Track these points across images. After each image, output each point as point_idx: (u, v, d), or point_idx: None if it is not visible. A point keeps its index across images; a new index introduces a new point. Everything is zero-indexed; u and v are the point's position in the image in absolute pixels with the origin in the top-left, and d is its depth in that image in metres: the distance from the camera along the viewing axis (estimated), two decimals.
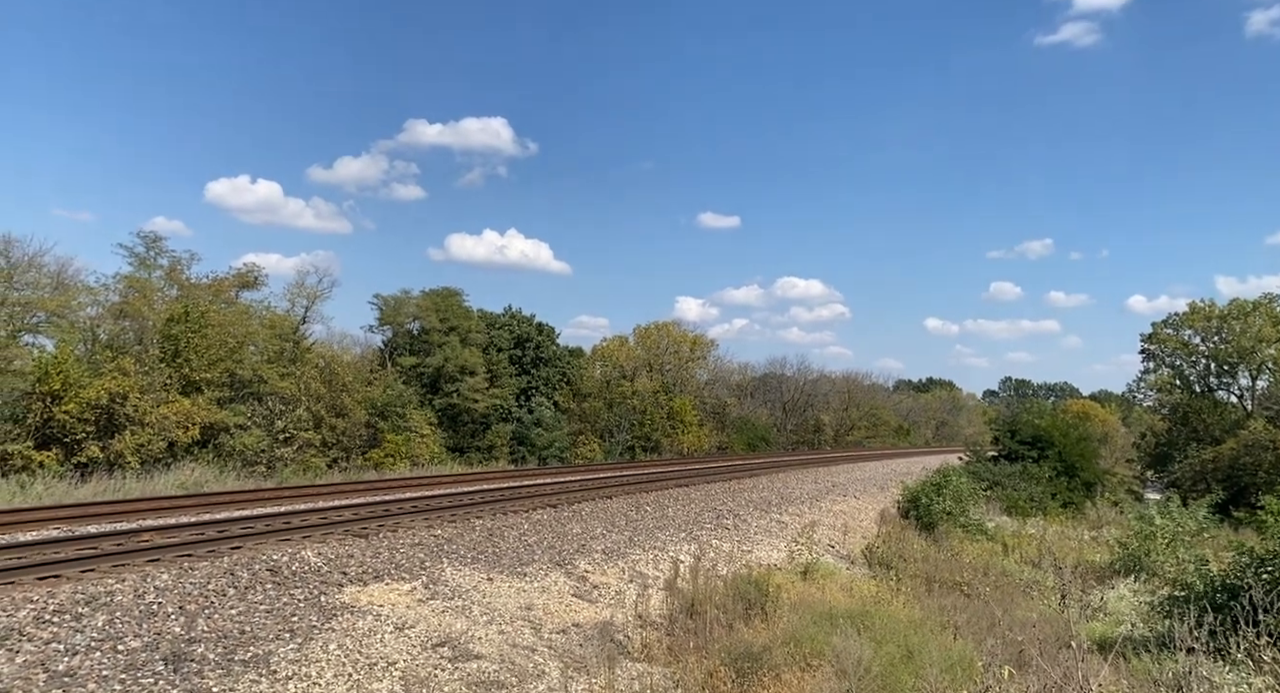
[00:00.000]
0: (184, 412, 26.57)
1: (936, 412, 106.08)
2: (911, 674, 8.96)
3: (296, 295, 38.56)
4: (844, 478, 35.75)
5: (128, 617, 8.48)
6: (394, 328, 43.80)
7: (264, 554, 11.26)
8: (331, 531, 13.47)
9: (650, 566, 14.98)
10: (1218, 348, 52.60)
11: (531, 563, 13.48)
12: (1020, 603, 17.01)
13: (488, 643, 9.85)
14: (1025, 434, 44.40)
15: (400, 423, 35.74)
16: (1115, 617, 17.16)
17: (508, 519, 16.25)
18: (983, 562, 21.25)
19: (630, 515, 18.77)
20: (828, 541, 21.43)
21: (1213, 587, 13.82)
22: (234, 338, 30.82)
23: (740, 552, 17.44)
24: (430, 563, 12.28)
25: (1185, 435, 51.26)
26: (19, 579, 9.29)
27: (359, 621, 9.48)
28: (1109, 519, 34.15)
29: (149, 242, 32.96)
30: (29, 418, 23.81)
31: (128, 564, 10.35)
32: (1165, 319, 55.82)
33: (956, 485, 28.68)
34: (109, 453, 24.43)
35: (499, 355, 44.88)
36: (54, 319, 28.46)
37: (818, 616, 11.73)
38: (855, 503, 29.11)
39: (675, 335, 58.05)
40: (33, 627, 7.91)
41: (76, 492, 20.10)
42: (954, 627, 12.59)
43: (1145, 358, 56.80)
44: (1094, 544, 27.55)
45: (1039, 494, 37.79)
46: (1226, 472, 44.56)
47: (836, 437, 72.00)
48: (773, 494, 26.44)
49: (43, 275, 29.12)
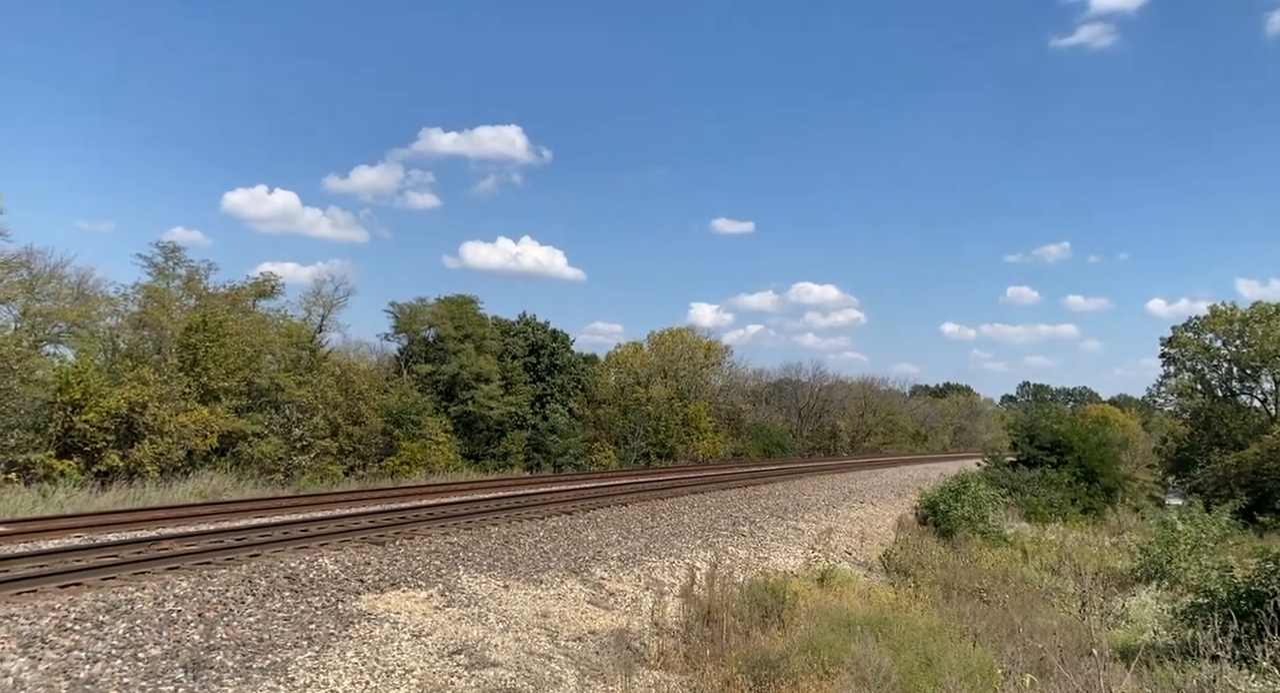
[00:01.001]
0: (202, 420, 26.79)
1: (954, 417, 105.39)
2: (930, 682, 8.89)
3: (313, 304, 38.92)
4: (861, 484, 35.54)
5: (148, 624, 8.54)
6: (409, 336, 44.01)
7: (282, 562, 11.31)
8: (348, 538, 13.52)
9: (666, 573, 14.94)
10: (1240, 352, 51.96)
11: (547, 570, 13.47)
12: (1040, 610, 16.83)
13: (504, 650, 9.85)
14: (1044, 439, 43.99)
15: (416, 430, 35.87)
16: (1138, 624, 16.95)
17: (523, 526, 16.25)
18: (1002, 568, 21.05)
19: (646, 523, 18.73)
20: (845, 547, 21.30)
21: (1237, 594, 13.64)
22: (251, 347, 31.07)
23: (757, 559, 17.37)
24: (446, 570, 12.30)
25: (1207, 440, 50.65)
26: (41, 587, 9.38)
27: (376, 628, 9.50)
28: (1130, 525, 33.76)
29: (167, 252, 33.39)
30: (50, 427, 24.08)
31: (147, 572, 10.43)
32: (1186, 323, 55.27)
33: (975, 491, 28.44)
34: (128, 462, 24.65)
35: (514, 363, 44.98)
36: (75, 329, 28.81)
37: (835, 623, 11.66)
38: (872, 510, 28.93)
39: (689, 341, 58.01)
40: (55, 634, 7.97)
41: (97, 500, 20.30)
42: (973, 634, 12.47)
43: (1166, 362, 56.24)
44: (1115, 551, 27.22)
45: (1058, 500, 37.42)
46: (1250, 477, 43.96)
47: (853, 443, 71.64)
48: (789, 501, 26.33)
49: (64, 286, 29.51)
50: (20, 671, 7.25)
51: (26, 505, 18.70)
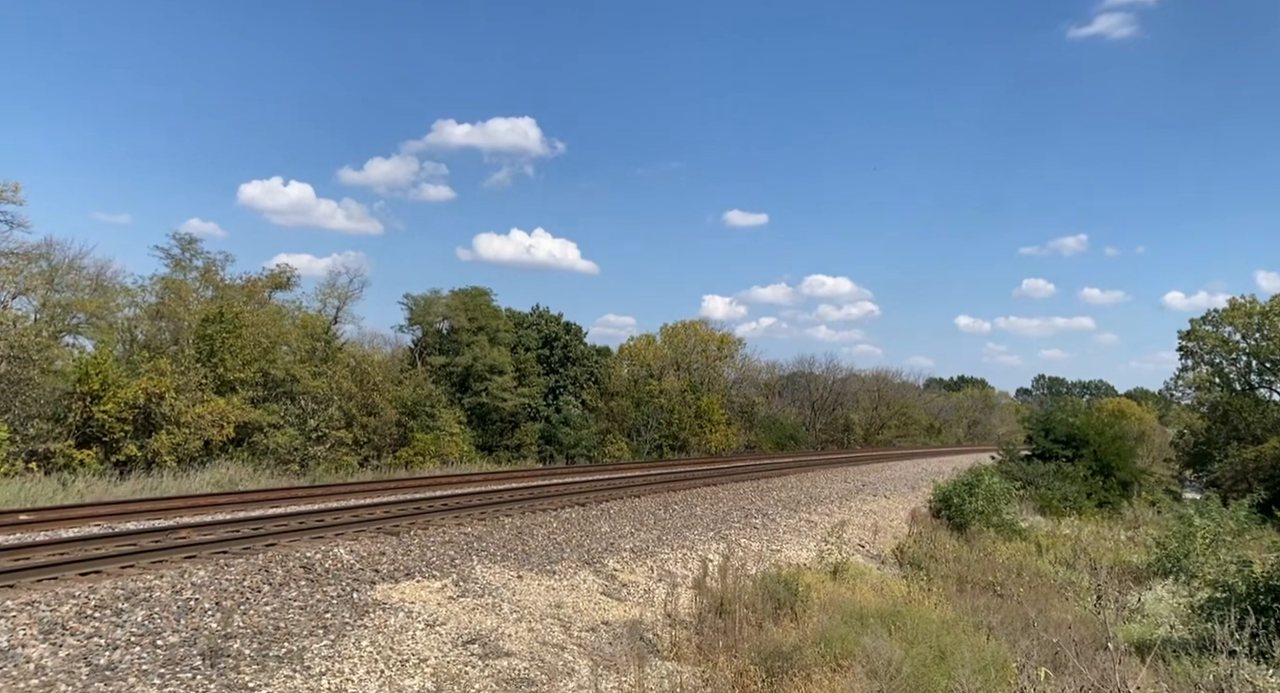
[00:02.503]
0: (219, 411, 26.99)
1: (968, 410, 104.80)
2: (944, 675, 8.86)
3: (328, 296, 39.11)
4: (874, 477, 35.44)
5: (166, 612, 8.64)
6: (423, 328, 44.16)
7: (298, 552, 11.40)
8: (364, 528, 13.61)
9: (679, 564, 14.96)
10: (1259, 345, 51.41)
11: (561, 561, 13.52)
12: (1055, 604, 16.76)
13: (518, 640, 9.90)
14: (1059, 433, 43.73)
15: (430, 422, 36.03)
16: (1153, 619, 16.85)
17: (536, 518, 16.31)
18: (1016, 562, 20.97)
19: (658, 514, 18.76)
20: (858, 540, 21.26)
21: (1255, 588, 13.52)
22: (267, 338, 31.25)
23: (769, 551, 17.36)
24: (461, 561, 12.36)
25: (1225, 434, 50.15)
26: (62, 575, 9.49)
27: (391, 618, 9.57)
28: (1146, 519, 33.53)
29: (184, 243, 33.62)
30: (69, 417, 24.32)
31: (166, 561, 10.54)
32: (1204, 316, 54.72)
33: (989, 485, 28.31)
34: (146, 452, 24.89)
35: (527, 355, 45.08)
36: (93, 320, 29.07)
37: (848, 615, 11.65)
38: (886, 502, 28.85)
39: (702, 334, 57.93)
40: (75, 621, 8.08)
41: (115, 490, 20.50)
42: (987, 628, 12.43)
43: (1183, 355, 55.72)
44: (1131, 545, 27.06)
45: (1074, 494, 37.21)
46: (1269, 471, 43.53)
47: (866, 436, 71.41)
48: (801, 494, 26.29)
49: (82, 277, 29.79)
50: (42, 657, 7.35)
51: (47, 494, 18.92)
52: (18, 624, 7.81)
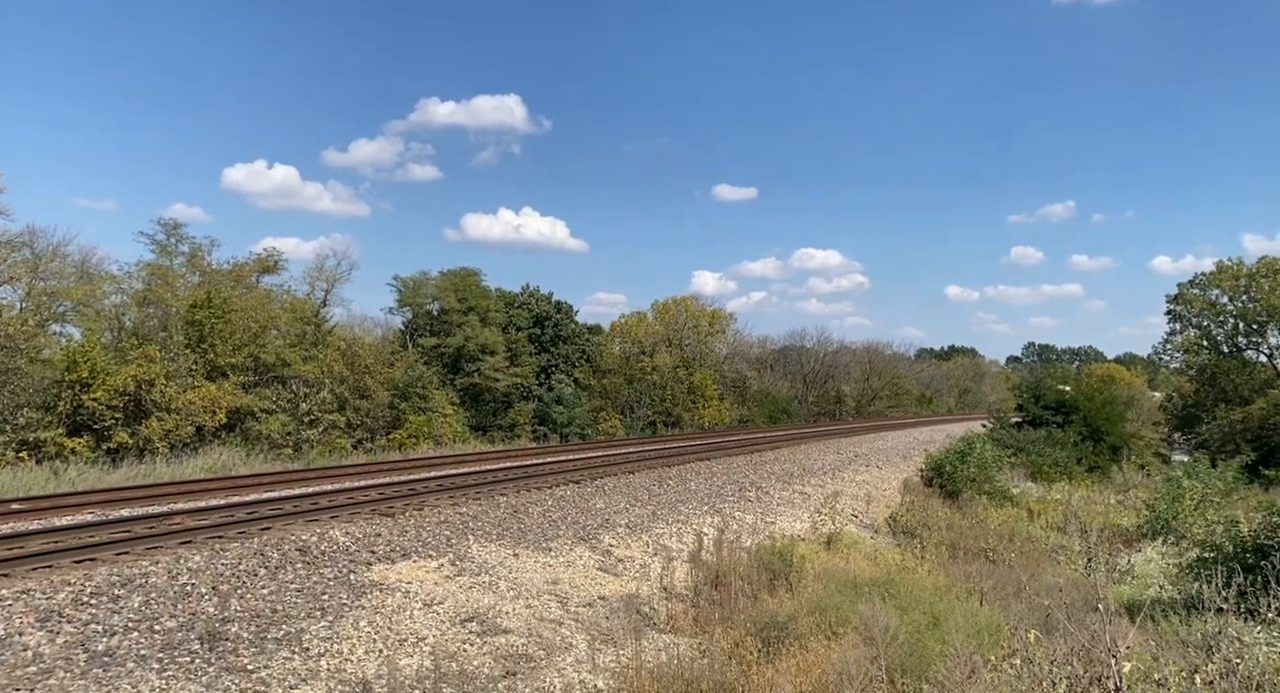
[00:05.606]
0: (210, 397, 26.89)
1: (959, 379, 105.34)
2: (938, 641, 8.97)
3: (316, 279, 38.88)
4: (866, 448, 35.67)
5: (163, 598, 8.65)
6: (413, 309, 44.00)
7: (293, 535, 11.42)
8: (359, 510, 13.63)
9: (674, 538, 15.06)
10: (1246, 307, 51.68)
11: (556, 538, 13.59)
12: (1047, 568, 16.96)
13: (515, 617, 9.96)
14: (1049, 399, 44.00)
15: (422, 403, 35.99)
16: (1143, 580, 17.07)
17: (532, 496, 16.37)
18: (1008, 528, 21.16)
19: (653, 490, 18.85)
20: (851, 510, 21.43)
21: (1243, 547, 13.69)
22: (256, 323, 31.08)
23: (763, 523, 17.49)
24: (456, 540, 12.41)
25: (1213, 396, 50.57)
26: (56, 563, 9.49)
27: (388, 598, 9.61)
28: (1136, 483, 33.88)
29: (169, 229, 33.31)
30: (59, 406, 24.18)
31: (161, 547, 10.55)
32: (1192, 279, 54.87)
33: (980, 452, 28.52)
34: (138, 439, 24.81)
35: (518, 334, 45.03)
36: (80, 308, 28.84)
37: (842, 585, 11.74)
38: (878, 473, 29.06)
39: (693, 310, 57.86)
40: (71, 609, 8.08)
41: (108, 477, 20.45)
42: (980, 593, 12.56)
43: (1171, 319, 55.94)
44: (1121, 508, 27.35)
45: (1064, 459, 37.52)
46: (1256, 432, 44.01)
47: (858, 407, 71.74)
48: (795, 466, 26.44)
49: (67, 265, 29.50)
50: (39, 644, 7.36)
51: (39, 483, 18.88)
52: (14, 613, 7.81)
